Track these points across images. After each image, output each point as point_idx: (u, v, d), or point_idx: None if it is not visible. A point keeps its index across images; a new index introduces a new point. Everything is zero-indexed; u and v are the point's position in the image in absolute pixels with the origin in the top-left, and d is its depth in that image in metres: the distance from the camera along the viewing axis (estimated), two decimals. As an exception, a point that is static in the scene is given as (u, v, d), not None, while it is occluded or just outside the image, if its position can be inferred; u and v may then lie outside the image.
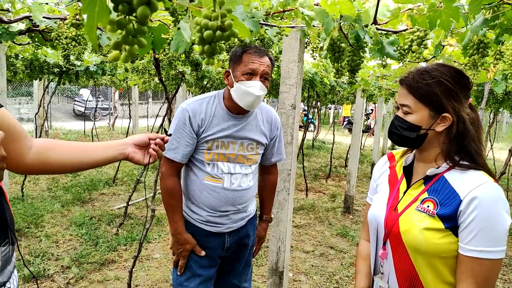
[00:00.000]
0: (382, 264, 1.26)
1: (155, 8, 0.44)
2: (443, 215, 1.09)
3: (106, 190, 5.99)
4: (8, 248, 0.94)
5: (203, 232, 1.88)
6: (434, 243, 1.09)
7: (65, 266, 3.44)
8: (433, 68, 1.15)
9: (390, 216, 1.21)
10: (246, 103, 1.71)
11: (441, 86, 1.11)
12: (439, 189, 1.14)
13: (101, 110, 17.65)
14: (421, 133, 1.15)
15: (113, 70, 5.07)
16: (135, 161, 1.20)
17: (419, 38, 1.29)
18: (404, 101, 1.17)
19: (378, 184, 1.36)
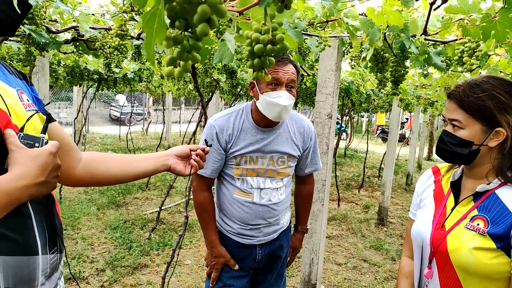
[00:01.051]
0: (427, 283, 1.20)
1: (215, 25, 0.43)
2: (494, 234, 1.03)
3: (139, 195, 6.11)
4: (56, 256, 0.96)
5: (235, 244, 1.87)
6: (485, 263, 1.04)
7: (99, 269, 3.52)
8: (483, 81, 1.10)
9: (437, 233, 1.16)
10: (274, 114, 1.67)
11: (493, 100, 1.06)
12: (490, 206, 1.08)
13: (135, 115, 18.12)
14: (473, 149, 1.10)
15: (149, 77, 5.19)
16: (177, 172, 1.22)
17: (471, 49, 1.23)
18: (454, 115, 1.12)
19: (422, 199, 1.30)
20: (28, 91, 1.00)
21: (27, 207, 0.88)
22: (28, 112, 0.91)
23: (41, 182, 0.80)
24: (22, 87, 0.97)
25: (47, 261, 0.92)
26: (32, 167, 0.78)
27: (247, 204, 1.80)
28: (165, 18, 0.48)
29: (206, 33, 0.43)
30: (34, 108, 0.95)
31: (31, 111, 0.92)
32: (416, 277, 1.26)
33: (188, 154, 1.24)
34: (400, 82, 1.38)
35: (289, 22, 1.18)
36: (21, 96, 0.93)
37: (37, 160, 0.79)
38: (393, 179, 7.18)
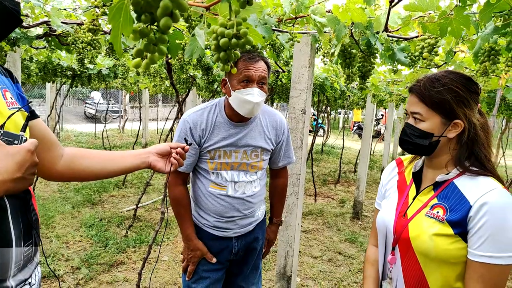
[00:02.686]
0: (390, 269, 1.26)
1: (177, 19, 0.47)
2: (452, 220, 1.10)
3: (115, 192, 6.05)
4: (31, 248, 0.98)
5: (212, 236, 1.90)
6: (444, 248, 1.10)
7: (75, 267, 3.48)
8: (442, 75, 1.16)
9: (399, 221, 1.22)
10: (246, 111, 1.71)
11: (452, 93, 1.12)
12: (449, 195, 1.14)
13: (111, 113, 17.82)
14: (433, 140, 1.16)
15: (124, 74, 5.14)
16: (157, 169, 1.26)
17: (430, 45, 1.30)
18: (415, 109, 1.17)
19: (387, 189, 1.37)
20: (13, 88, 1.02)
21: (3, 200, 0.90)
22: (10, 110, 0.92)
23: (18, 178, 0.81)
24: (6, 85, 0.99)
25: (21, 254, 0.94)
26: (9, 164, 0.80)
27: (222, 197, 1.83)
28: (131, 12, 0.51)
29: (169, 26, 0.46)
30: (16, 106, 0.96)
31: (13, 109, 0.94)
32: (381, 263, 1.33)
33: (168, 152, 1.28)
34: (367, 77, 1.44)
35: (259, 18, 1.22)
36: (4, 94, 0.95)
37: (15, 157, 0.81)
38: (368, 174, 7.35)
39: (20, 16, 0.93)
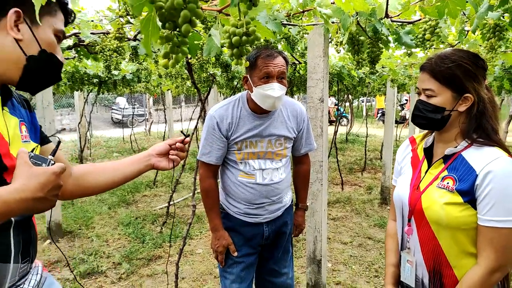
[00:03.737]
0: (408, 239, 1.34)
1: (195, 24, 0.58)
2: (461, 190, 1.18)
3: (147, 192, 6.29)
4: (27, 265, 1.02)
5: (243, 223, 2.02)
6: (455, 216, 1.18)
7: (116, 263, 3.69)
8: (451, 53, 1.23)
9: (413, 194, 1.30)
10: (268, 105, 1.82)
11: (461, 69, 1.19)
12: (457, 166, 1.22)
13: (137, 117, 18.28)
14: (445, 114, 1.23)
15: (147, 77, 5.33)
16: (161, 168, 1.29)
17: (431, 27, 1.36)
18: (427, 85, 1.24)
19: (402, 166, 1.45)
20: (28, 118, 1.09)
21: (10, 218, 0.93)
22: (23, 143, 0.99)
23: (40, 198, 0.83)
24: (24, 118, 1.06)
25: (17, 269, 0.98)
26: (33, 183, 0.82)
27: (251, 185, 1.95)
28: (157, 22, 0.62)
29: (189, 31, 0.57)
30: (27, 140, 1.03)
31: (26, 142, 1.01)
32: (399, 235, 1.41)
33: (167, 150, 1.30)
34: (376, 61, 1.51)
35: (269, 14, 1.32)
36: (21, 128, 1.01)
37: (39, 177, 0.83)
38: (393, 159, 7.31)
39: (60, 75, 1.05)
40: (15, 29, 0.90)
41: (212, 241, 2.04)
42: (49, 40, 0.96)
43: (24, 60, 0.93)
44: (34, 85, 0.99)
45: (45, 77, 0.99)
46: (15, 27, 0.90)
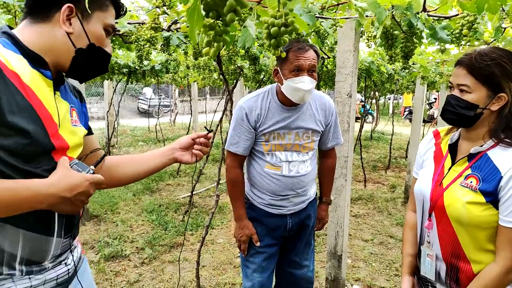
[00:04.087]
0: (428, 234, 1.35)
1: (239, 14, 0.59)
2: (485, 190, 1.18)
3: (171, 181, 6.40)
4: (68, 240, 1.10)
5: (267, 214, 2.04)
6: (476, 215, 1.19)
7: (139, 248, 3.79)
8: (491, 50, 1.21)
9: (436, 190, 1.31)
10: (298, 98, 1.83)
11: (500, 68, 1.18)
12: (482, 166, 1.22)
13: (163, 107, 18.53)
14: (478, 112, 1.21)
15: (175, 68, 5.40)
16: (184, 162, 1.33)
17: (469, 22, 1.33)
18: (462, 80, 1.22)
19: (424, 160, 1.44)
20: (79, 107, 1.18)
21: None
22: (73, 127, 1.08)
23: (66, 198, 0.90)
24: (75, 104, 1.14)
25: (59, 244, 1.05)
26: (64, 182, 0.89)
27: (277, 177, 1.96)
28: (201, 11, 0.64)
29: (233, 20, 0.59)
30: (78, 124, 1.12)
31: (75, 126, 1.09)
32: (419, 229, 1.42)
33: (191, 144, 1.34)
34: (410, 57, 1.49)
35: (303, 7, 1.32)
36: (71, 113, 1.09)
37: (70, 179, 0.90)
38: (419, 159, 7.16)
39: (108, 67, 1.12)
40: (67, 23, 0.98)
41: (236, 230, 2.07)
42: (98, 34, 1.03)
43: (73, 51, 1.00)
44: (81, 74, 1.07)
45: (92, 68, 1.07)
46: (67, 21, 0.98)
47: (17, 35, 0.98)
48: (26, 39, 0.97)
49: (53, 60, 1.00)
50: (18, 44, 0.96)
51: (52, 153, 0.98)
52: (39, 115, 0.94)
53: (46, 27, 0.98)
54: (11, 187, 0.85)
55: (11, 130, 0.88)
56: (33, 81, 0.95)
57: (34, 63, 0.97)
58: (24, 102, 0.91)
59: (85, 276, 1.21)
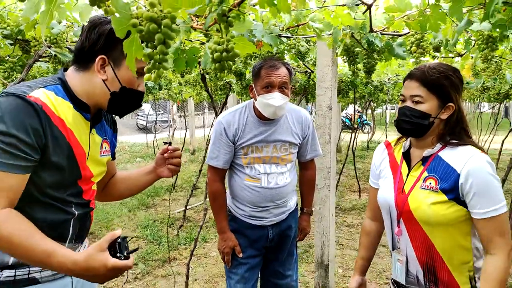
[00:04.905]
0: (398, 240, 1.41)
1: (169, 45, 0.67)
2: (445, 188, 1.27)
3: (167, 196, 6.45)
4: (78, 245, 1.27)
5: (249, 225, 2.10)
6: (442, 214, 1.26)
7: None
8: (438, 65, 1.33)
9: (399, 197, 1.37)
10: (269, 113, 1.91)
11: (448, 79, 1.30)
12: (436, 166, 1.31)
13: (161, 123, 18.67)
14: (430, 120, 1.31)
15: (168, 85, 5.51)
16: (165, 176, 1.48)
17: (417, 39, 1.42)
18: (416, 92, 1.31)
19: (381, 170, 1.51)
20: (111, 137, 1.38)
21: (73, 209, 1.18)
22: (101, 157, 1.28)
23: (84, 276, 1.01)
24: (108, 137, 1.35)
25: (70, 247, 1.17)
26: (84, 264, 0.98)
27: (256, 189, 2.03)
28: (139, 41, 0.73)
29: (163, 50, 0.67)
30: (107, 154, 1.33)
31: (104, 156, 1.30)
32: (389, 237, 1.47)
33: (163, 160, 1.48)
34: (372, 72, 1.58)
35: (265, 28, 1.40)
36: (102, 145, 1.29)
37: (92, 264, 0.98)
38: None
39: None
40: (101, 71, 1.15)
41: (219, 242, 2.13)
42: (128, 78, 1.19)
43: (109, 94, 1.18)
44: (118, 111, 1.26)
45: (126, 106, 1.24)
46: (102, 69, 1.15)
47: (68, 82, 1.17)
48: (73, 86, 1.17)
49: (94, 102, 1.20)
50: (68, 91, 1.15)
51: (79, 181, 1.18)
52: (75, 153, 1.14)
53: (87, 75, 1.17)
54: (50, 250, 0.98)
55: (52, 166, 1.08)
56: (74, 123, 1.15)
57: (78, 107, 1.17)
58: (65, 143, 1.11)
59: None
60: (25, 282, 1.12)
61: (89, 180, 1.23)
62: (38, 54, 1.66)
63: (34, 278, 1.13)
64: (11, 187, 1.00)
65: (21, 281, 1.11)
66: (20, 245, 0.97)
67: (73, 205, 1.18)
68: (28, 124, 1.01)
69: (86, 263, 0.99)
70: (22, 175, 1.02)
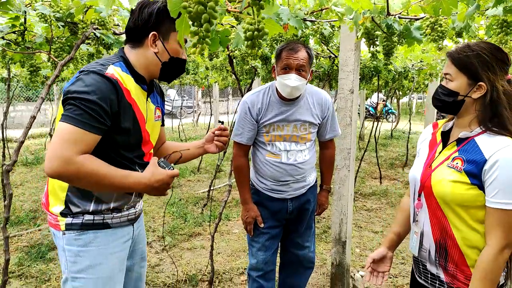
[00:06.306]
0: (417, 213, 1.46)
1: (213, 23, 0.82)
2: (469, 171, 1.28)
3: (192, 178, 6.70)
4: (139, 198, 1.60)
5: (270, 198, 2.27)
6: (460, 193, 1.29)
7: (160, 236, 4.08)
8: (474, 43, 1.33)
9: (425, 172, 1.42)
10: (286, 93, 2.05)
11: (478, 58, 1.28)
12: (469, 149, 1.31)
13: (186, 108, 18.98)
14: (459, 99, 1.33)
15: (195, 69, 5.69)
16: (211, 152, 1.74)
17: (431, 23, 1.50)
18: (447, 70, 1.36)
19: (420, 148, 1.55)
20: (161, 105, 1.63)
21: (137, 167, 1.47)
22: (155, 122, 1.54)
23: (153, 187, 1.32)
24: (159, 104, 1.60)
25: (134, 200, 1.55)
26: (153, 178, 1.32)
27: (277, 164, 2.19)
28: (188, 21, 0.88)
29: (208, 28, 0.82)
30: (159, 119, 1.59)
31: (157, 121, 1.57)
32: (411, 209, 1.52)
33: (212, 137, 1.74)
34: (391, 54, 1.68)
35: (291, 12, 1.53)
36: (155, 111, 1.55)
37: (158, 176, 1.33)
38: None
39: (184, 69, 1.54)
40: (153, 45, 1.37)
41: (242, 212, 2.30)
42: (175, 49, 1.41)
43: (160, 64, 1.41)
44: (168, 78, 1.49)
45: (174, 72, 1.48)
46: (153, 43, 1.37)
47: (128, 58, 1.40)
48: (132, 62, 1.40)
49: (148, 73, 1.43)
50: (129, 67, 1.39)
51: (142, 143, 1.46)
52: (138, 118, 1.40)
53: (142, 50, 1.39)
54: (124, 175, 1.29)
55: (122, 130, 1.34)
56: (136, 94, 1.39)
57: (137, 80, 1.40)
58: (131, 111, 1.36)
59: (140, 220, 1.69)
60: (100, 226, 1.43)
61: (149, 142, 1.50)
62: (85, 35, 1.84)
63: (107, 223, 1.44)
64: (87, 143, 1.24)
65: (98, 224, 1.42)
66: (103, 176, 1.23)
67: (137, 165, 1.46)
68: (107, 95, 1.25)
69: (154, 176, 1.32)
70: (96, 135, 1.26)
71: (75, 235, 1.40)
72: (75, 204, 1.40)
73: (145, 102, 1.46)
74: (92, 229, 1.42)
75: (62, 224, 1.41)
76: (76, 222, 1.40)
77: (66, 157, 1.18)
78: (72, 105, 1.22)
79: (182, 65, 1.48)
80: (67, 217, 1.40)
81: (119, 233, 1.50)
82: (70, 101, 1.23)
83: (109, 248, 1.46)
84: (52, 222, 1.44)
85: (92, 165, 1.22)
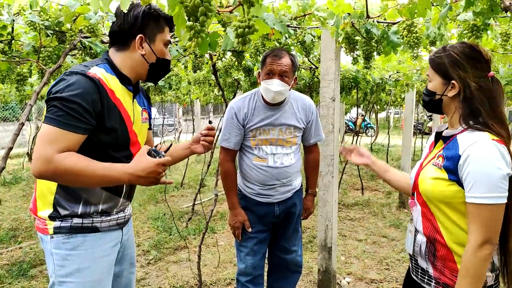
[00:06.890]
0: (412, 211, 1.51)
1: (208, 16, 0.88)
2: (447, 167, 1.31)
3: (175, 193, 6.67)
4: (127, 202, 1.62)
5: (257, 202, 2.30)
6: (439, 190, 1.32)
7: (145, 250, 4.03)
8: (450, 45, 1.38)
9: (418, 171, 1.47)
10: (269, 97, 2.12)
11: (449, 58, 1.33)
12: (450, 147, 1.35)
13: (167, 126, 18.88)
14: (436, 98, 1.39)
15: (178, 84, 5.73)
16: (197, 152, 1.76)
17: (408, 26, 1.60)
18: (427, 72, 1.44)
19: (423, 150, 1.60)
20: (148, 108, 1.65)
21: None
22: (143, 123, 1.56)
23: (140, 176, 1.30)
24: (146, 107, 1.63)
25: (123, 203, 1.57)
26: (139, 166, 1.29)
27: (264, 168, 2.23)
28: (184, 16, 0.93)
29: (205, 21, 0.88)
30: (146, 121, 1.61)
31: (144, 122, 1.58)
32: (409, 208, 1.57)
33: (199, 138, 1.76)
34: (370, 58, 1.77)
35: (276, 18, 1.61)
36: (142, 113, 1.57)
37: (143, 164, 1.30)
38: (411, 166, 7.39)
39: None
40: (140, 48, 1.41)
41: (230, 217, 2.33)
42: (161, 50, 1.46)
43: (148, 66, 1.46)
44: (155, 78, 1.53)
45: (160, 73, 1.52)
46: (140, 46, 1.41)
47: (113, 61, 1.43)
48: (117, 64, 1.42)
49: (135, 75, 1.47)
50: (114, 68, 1.41)
51: (130, 144, 1.47)
52: (124, 118, 1.41)
53: (127, 52, 1.42)
54: (106, 166, 1.28)
55: (107, 130, 1.34)
56: (121, 94, 1.41)
57: (122, 81, 1.42)
58: (116, 110, 1.37)
59: (129, 224, 1.70)
60: (89, 229, 1.43)
61: (137, 143, 1.51)
62: (73, 43, 1.87)
63: (96, 227, 1.44)
64: (69, 142, 1.25)
65: (87, 228, 1.42)
66: (83, 169, 1.23)
67: None
68: (89, 94, 1.27)
69: (139, 165, 1.30)
70: (78, 135, 1.27)
71: (63, 238, 1.40)
72: (63, 207, 1.40)
73: (131, 103, 1.48)
74: (81, 232, 1.42)
75: (51, 228, 1.40)
76: (65, 225, 1.40)
77: (46, 156, 1.21)
78: (54, 106, 1.24)
79: (167, 65, 1.53)
80: (56, 221, 1.40)
81: (108, 237, 1.50)
82: (52, 102, 1.25)
83: (98, 251, 1.45)
84: (40, 226, 1.43)
85: (71, 160, 1.23)
